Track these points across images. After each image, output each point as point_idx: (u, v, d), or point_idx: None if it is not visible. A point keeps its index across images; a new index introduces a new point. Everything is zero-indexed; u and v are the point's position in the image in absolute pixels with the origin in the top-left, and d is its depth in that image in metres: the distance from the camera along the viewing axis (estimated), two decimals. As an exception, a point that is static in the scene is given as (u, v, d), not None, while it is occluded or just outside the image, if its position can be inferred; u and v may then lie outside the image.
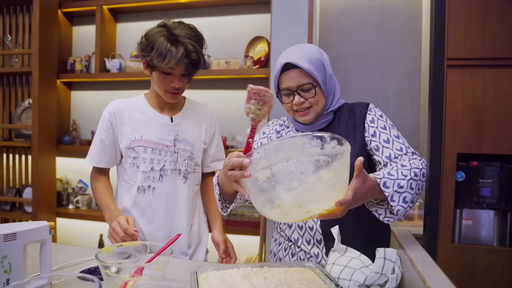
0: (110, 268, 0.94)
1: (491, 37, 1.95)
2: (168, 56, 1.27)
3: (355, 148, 1.19)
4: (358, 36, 2.69)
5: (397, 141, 1.18)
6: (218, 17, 2.85)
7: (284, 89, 1.23)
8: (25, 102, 3.10)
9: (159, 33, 1.30)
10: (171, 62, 1.28)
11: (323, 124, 1.27)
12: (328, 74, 1.23)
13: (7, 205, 3.16)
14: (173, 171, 1.44)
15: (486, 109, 1.98)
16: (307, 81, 1.19)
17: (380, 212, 1.07)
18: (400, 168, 1.06)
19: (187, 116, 1.50)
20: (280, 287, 0.88)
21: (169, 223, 1.47)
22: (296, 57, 1.19)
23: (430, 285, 0.67)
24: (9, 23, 3.16)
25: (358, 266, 0.96)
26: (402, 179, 1.02)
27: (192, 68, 1.35)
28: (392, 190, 1.00)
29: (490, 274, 1.97)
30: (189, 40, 1.31)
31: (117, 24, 3.15)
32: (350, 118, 1.26)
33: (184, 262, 1.23)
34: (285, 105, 1.26)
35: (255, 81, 2.77)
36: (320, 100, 1.22)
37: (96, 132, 1.49)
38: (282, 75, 1.23)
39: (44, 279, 0.89)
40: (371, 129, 1.21)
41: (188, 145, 1.47)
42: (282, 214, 0.82)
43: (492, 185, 2.03)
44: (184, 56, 1.29)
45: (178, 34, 1.30)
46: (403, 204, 1.02)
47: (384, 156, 1.16)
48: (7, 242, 0.86)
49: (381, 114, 1.25)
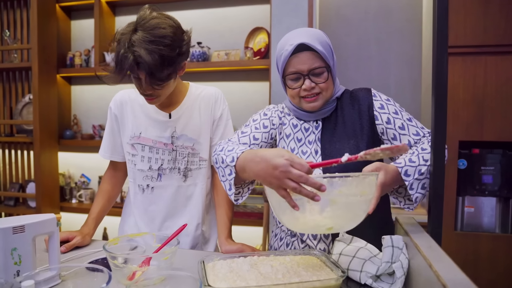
0: (118, 259, 0.94)
1: (492, 24, 1.95)
2: (129, 64, 1.13)
3: (363, 137, 1.17)
4: (358, 25, 2.68)
5: (411, 125, 1.16)
6: (217, 8, 2.84)
7: (293, 73, 1.15)
8: (25, 98, 3.10)
9: (122, 40, 1.15)
10: (134, 68, 1.14)
11: (328, 112, 1.22)
12: (335, 60, 1.19)
13: (10, 200, 3.17)
14: (171, 170, 1.39)
15: (487, 97, 1.98)
16: (319, 65, 1.13)
17: (400, 199, 1.10)
18: (421, 152, 1.05)
19: (187, 109, 1.40)
20: (287, 274, 0.89)
21: (169, 224, 1.42)
22: (310, 39, 1.12)
23: (436, 269, 0.67)
24: (7, 18, 3.15)
25: (367, 256, 0.96)
26: (423, 164, 1.02)
27: (162, 68, 1.16)
28: (413, 178, 1.01)
29: (492, 260, 1.99)
30: (148, 44, 1.12)
31: (115, 17, 3.13)
32: (354, 105, 1.22)
33: (190, 253, 1.24)
34: (291, 90, 1.19)
35: (256, 72, 2.76)
36: (329, 86, 1.18)
37: (106, 125, 1.46)
38: (291, 57, 1.14)
39: (53, 271, 0.90)
40: (384, 116, 1.18)
41: (188, 141, 1.39)
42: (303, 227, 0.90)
43: (494, 172, 2.04)
44: (135, 64, 1.14)
45: (137, 38, 1.13)
46: (421, 190, 1.03)
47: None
48: (16, 234, 0.87)
49: (387, 97, 1.22)
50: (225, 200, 1.40)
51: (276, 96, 2.42)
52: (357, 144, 1.16)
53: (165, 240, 1.06)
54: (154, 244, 1.09)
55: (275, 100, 2.42)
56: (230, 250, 1.23)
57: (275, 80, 2.42)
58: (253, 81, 2.81)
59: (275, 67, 2.42)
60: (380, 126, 1.19)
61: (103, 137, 1.48)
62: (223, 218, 1.37)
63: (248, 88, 2.83)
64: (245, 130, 1.25)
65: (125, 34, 1.15)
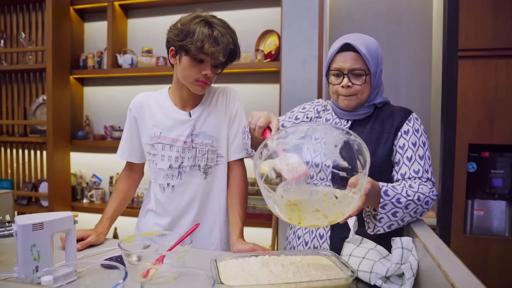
0: (133, 257, 0.97)
1: (503, 27, 1.94)
2: (208, 40, 1.27)
3: (383, 148, 1.21)
4: (368, 28, 2.69)
5: (418, 162, 1.18)
6: (228, 11, 2.86)
7: (335, 69, 1.23)
8: (39, 98, 3.16)
9: (197, 19, 1.31)
10: (211, 46, 1.28)
11: (361, 115, 1.27)
12: (379, 69, 1.24)
13: (23, 199, 3.23)
14: (192, 168, 1.41)
15: (498, 100, 1.98)
16: (360, 67, 1.20)
17: (370, 226, 1.11)
18: (406, 187, 1.08)
19: (206, 107, 1.44)
20: (298, 273, 0.91)
21: (190, 221, 1.44)
22: (357, 41, 1.20)
23: (445, 269, 0.69)
24: (23, 21, 3.21)
25: (377, 257, 0.97)
26: (404, 196, 1.05)
27: (226, 59, 1.34)
28: (389, 200, 1.03)
29: (502, 264, 1.98)
30: (225, 30, 1.32)
31: (128, 20, 3.18)
32: (388, 120, 1.25)
33: (202, 252, 1.26)
34: (332, 86, 1.26)
35: (266, 74, 2.78)
36: (366, 90, 1.23)
37: (124, 126, 1.49)
38: (337, 55, 1.23)
39: (70, 267, 0.93)
40: (402, 140, 1.21)
41: (207, 138, 1.42)
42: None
43: (504, 176, 2.03)
44: (222, 44, 1.29)
45: (215, 22, 1.31)
46: (391, 216, 1.05)
47: (399, 173, 1.18)
48: (35, 231, 0.90)
49: (418, 128, 1.23)
50: (237, 200, 1.43)
51: (286, 98, 2.43)
52: (375, 151, 1.20)
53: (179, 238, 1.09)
54: (167, 243, 1.12)
55: (285, 103, 2.44)
56: (242, 250, 1.25)
57: (286, 82, 2.44)
58: (264, 83, 2.83)
59: (285, 69, 2.44)
60: (394, 147, 1.22)
61: (121, 138, 1.51)
62: (235, 217, 1.40)
63: (259, 90, 2.85)
64: (280, 119, 1.41)
65: (198, 18, 1.31)
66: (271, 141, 0.95)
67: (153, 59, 2.93)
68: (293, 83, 2.42)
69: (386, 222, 1.06)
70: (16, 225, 0.90)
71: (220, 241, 1.48)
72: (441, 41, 1.92)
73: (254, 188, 2.76)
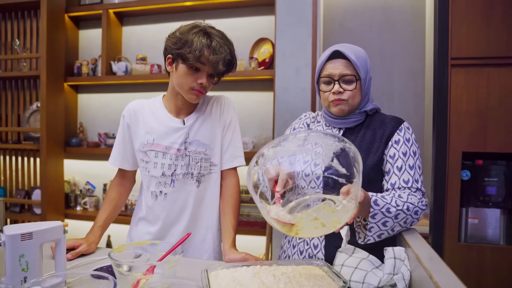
0: (123, 267, 0.96)
1: (495, 36, 1.96)
2: (206, 50, 1.29)
3: (373, 156, 1.22)
4: (362, 37, 2.71)
5: (408, 172, 1.18)
6: (222, 19, 2.88)
7: (326, 76, 1.25)
8: (33, 105, 3.14)
9: (196, 29, 1.33)
10: (209, 56, 1.29)
11: (353, 123, 1.29)
12: (369, 77, 1.27)
13: (16, 207, 3.20)
14: (185, 176, 1.41)
15: (490, 108, 1.99)
16: (350, 73, 1.22)
17: (361, 236, 1.11)
18: (395, 197, 1.09)
19: (200, 115, 1.44)
20: (289, 284, 0.90)
21: (182, 230, 1.43)
22: (346, 49, 1.23)
23: (436, 281, 0.68)
24: (17, 27, 3.21)
25: (369, 267, 0.97)
26: (394, 206, 1.06)
27: (223, 68, 1.35)
28: (379, 210, 1.04)
29: (497, 272, 1.98)
30: (223, 41, 1.35)
31: (122, 27, 3.18)
32: (379, 130, 1.26)
33: (193, 261, 1.25)
34: (323, 94, 1.28)
35: (260, 82, 2.79)
36: (356, 96, 1.25)
37: (117, 133, 1.48)
38: (327, 62, 1.26)
39: (59, 277, 0.91)
40: (392, 150, 1.22)
41: (201, 146, 1.42)
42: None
43: (498, 184, 2.03)
44: (220, 54, 1.31)
45: (213, 33, 1.34)
46: (381, 226, 1.06)
47: (389, 183, 1.19)
48: (24, 241, 0.89)
49: (409, 138, 1.24)
50: (230, 209, 1.42)
51: (280, 106, 2.44)
52: (365, 159, 1.21)
53: (169, 248, 1.08)
54: (159, 253, 1.11)
55: (279, 111, 2.44)
56: (234, 259, 1.24)
57: (279, 90, 2.44)
58: (258, 91, 2.83)
59: (279, 77, 2.45)
60: (385, 156, 1.23)
61: (113, 145, 1.50)
62: (227, 226, 1.39)
63: (253, 98, 2.85)
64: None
65: (197, 28, 1.34)
66: (267, 150, 0.95)
67: (147, 66, 2.93)
68: (287, 91, 2.43)
69: (376, 231, 1.06)
70: (4, 235, 0.89)
71: (213, 249, 1.47)
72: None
73: (248, 196, 2.74)
